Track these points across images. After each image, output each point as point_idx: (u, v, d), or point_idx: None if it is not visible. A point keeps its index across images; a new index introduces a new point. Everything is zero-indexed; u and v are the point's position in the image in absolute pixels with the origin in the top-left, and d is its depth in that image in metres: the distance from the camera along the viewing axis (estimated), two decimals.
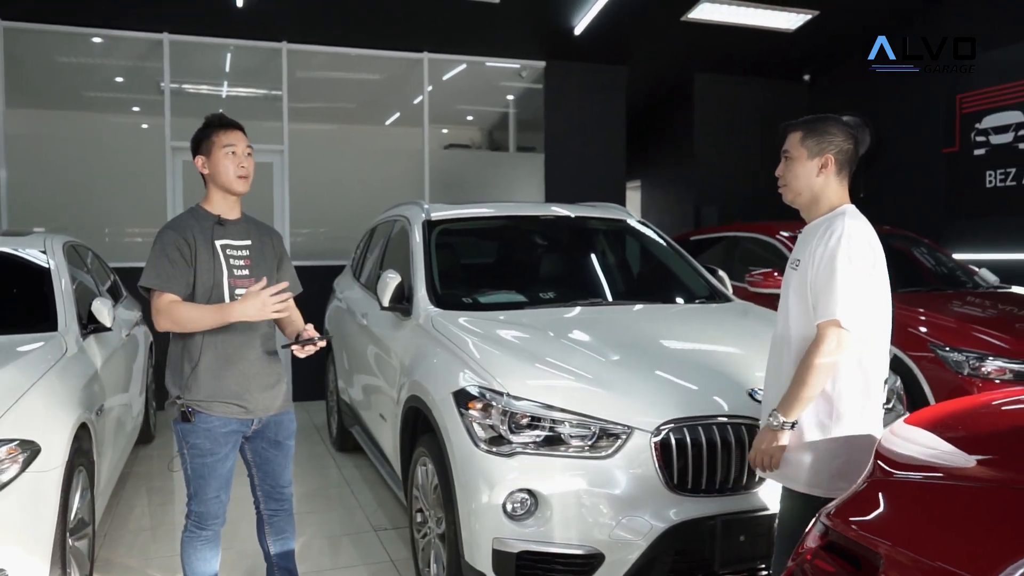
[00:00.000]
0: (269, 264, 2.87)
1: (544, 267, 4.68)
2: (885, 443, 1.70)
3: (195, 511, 2.78)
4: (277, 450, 2.93)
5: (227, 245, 2.76)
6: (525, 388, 2.84)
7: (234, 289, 2.73)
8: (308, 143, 7.67)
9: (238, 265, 2.77)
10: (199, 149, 2.77)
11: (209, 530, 2.80)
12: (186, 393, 2.71)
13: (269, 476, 2.95)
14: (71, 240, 4.65)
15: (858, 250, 2.19)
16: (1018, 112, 7.11)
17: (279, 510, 3.00)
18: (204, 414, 2.70)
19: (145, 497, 4.75)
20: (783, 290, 2.43)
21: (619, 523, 2.63)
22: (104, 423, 3.65)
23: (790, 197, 2.40)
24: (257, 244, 2.85)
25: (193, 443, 2.72)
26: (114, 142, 7.17)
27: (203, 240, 2.71)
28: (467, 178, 8.37)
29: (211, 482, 2.74)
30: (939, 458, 1.73)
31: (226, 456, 2.76)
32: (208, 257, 2.70)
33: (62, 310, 3.76)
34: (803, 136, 2.34)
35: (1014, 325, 4.94)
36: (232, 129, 2.76)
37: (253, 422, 2.82)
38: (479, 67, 8.35)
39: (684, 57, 8.81)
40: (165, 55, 7.13)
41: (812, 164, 2.32)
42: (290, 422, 2.96)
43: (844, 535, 1.47)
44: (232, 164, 2.73)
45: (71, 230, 5.40)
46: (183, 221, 2.76)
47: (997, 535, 1.35)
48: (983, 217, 7.48)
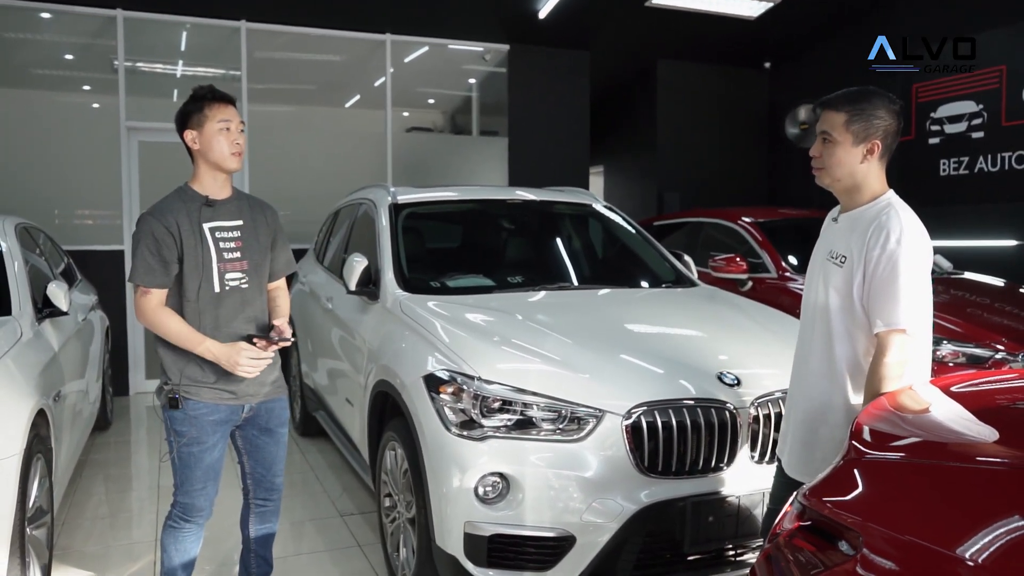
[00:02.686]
0: (263, 244, 2.76)
1: (511, 251, 4.67)
2: (860, 423, 1.73)
3: (180, 502, 2.70)
4: (269, 438, 2.84)
5: (216, 228, 2.64)
6: (496, 372, 2.84)
7: (224, 274, 2.63)
8: (268, 125, 7.52)
9: (228, 248, 2.65)
10: (188, 123, 2.61)
11: (193, 523, 2.73)
12: (175, 378, 2.62)
13: (260, 464, 2.87)
14: (23, 222, 4.51)
15: (919, 251, 2.08)
16: (972, 102, 7.29)
17: (268, 500, 2.92)
18: (193, 400, 2.62)
19: (103, 485, 4.65)
20: (815, 281, 2.30)
21: (590, 506, 2.65)
22: (62, 409, 3.55)
23: (827, 182, 2.22)
24: (250, 223, 2.73)
25: (180, 431, 2.63)
26: (65, 122, 6.94)
27: (189, 224, 2.59)
28: (430, 162, 8.31)
29: (197, 472, 2.66)
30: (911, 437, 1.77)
31: (214, 445, 2.67)
32: (195, 242, 2.59)
33: (16, 294, 3.65)
34: (848, 119, 2.12)
35: (966, 310, 5.07)
36: (227, 103, 2.64)
37: (244, 409, 2.73)
38: (442, 50, 8.28)
39: (647, 43, 8.84)
40: (119, 32, 6.91)
41: (857, 151, 2.14)
42: (282, 410, 2.87)
43: (821, 514, 1.50)
44: (226, 140, 2.60)
45: (22, 212, 5.22)
46: (167, 205, 2.61)
47: (964, 510, 1.39)
48: (937, 205, 7.66)
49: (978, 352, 4.57)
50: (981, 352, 4.57)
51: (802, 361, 2.36)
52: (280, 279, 2.89)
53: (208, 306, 2.61)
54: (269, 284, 2.83)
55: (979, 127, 7.23)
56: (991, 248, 7.11)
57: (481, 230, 4.84)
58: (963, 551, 1.26)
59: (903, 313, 2.03)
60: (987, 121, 7.17)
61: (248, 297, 2.70)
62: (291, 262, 2.92)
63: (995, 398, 2.15)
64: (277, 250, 2.84)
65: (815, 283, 2.30)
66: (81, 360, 4.36)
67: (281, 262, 2.87)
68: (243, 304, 2.68)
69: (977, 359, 4.56)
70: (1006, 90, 7.01)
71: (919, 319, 2.07)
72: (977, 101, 7.24)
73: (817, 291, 2.27)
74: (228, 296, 2.65)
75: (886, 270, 2.05)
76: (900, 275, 2.03)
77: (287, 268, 2.90)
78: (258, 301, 2.75)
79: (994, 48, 7.06)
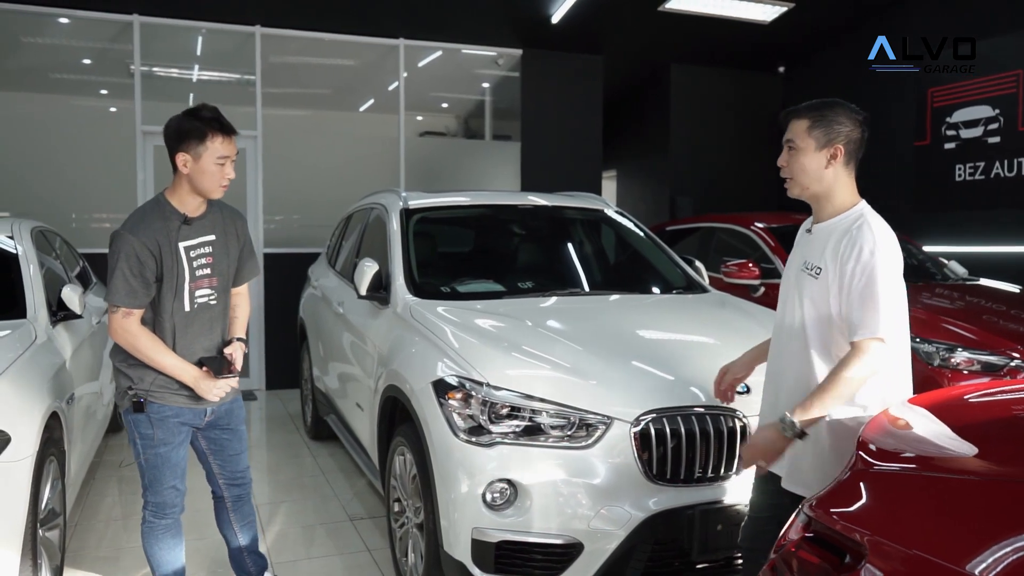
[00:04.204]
0: (232, 257, 2.81)
1: (522, 256, 4.67)
2: (867, 433, 1.72)
3: (152, 501, 2.76)
4: (231, 435, 2.92)
5: (191, 246, 2.66)
6: (505, 378, 2.84)
7: (194, 292, 2.68)
8: (282, 129, 7.57)
9: (200, 265, 2.69)
10: (183, 146, 2.56)
11: (168, 519, 2.78)
12: (138, 383, 2.65)
13: (228, 462, 2.95)
14: (39, 225, 4.55)
15: (893, 261, 2.09)
16: (988, 107, 7.23)
17: (242, 495, 3.01)
18: (157, 404, 2.66)
19: (116, 486, 4.68)
20: (790, 293, 2.30)
21: (598, 513, 2.64)
22: (75, 412, 3.58)
23: (797, 191, 2.25)
24: (221, 238, 2.76)
25: (145, 433, 2.68)
26: (82, 125, 7.02)
27: (168, 244, 2.60)
28: (442, 166, 8.33)
29: (165, 472, 2.72)
30: (920, 449, 1.76)
31: (179, 444, 2.74)
32: (172, 263, 2.61)
33: (31, 297, 3.68)
34: (810, 125, 2.18)
35: (982, 317, 5.03)
36: (231, 137, 2.60)
37: (206, 413, 2.79)
38: (455, 54, 8.30)
39: (660, 47, 8.83)
40: (135, 37, 6.98)
41: (820, 156, 2.18)
42: (239, 408, 2.96)
43: (827, 526, 1.49)
44: (220, 175, 2.60)
45: (39, 215, 5.27)
46: (147, 223, 2.58)
47: (974, 524, 1.38)
48: (952, 210, 7.60)
49: (993, 360, 4.53)
50: (996, 360, 4.52)
51: (777, 375, 2.34)
52: (243, 285, 2.94)
53: (179, 324, 2.66)
54: (232, 289, 2.86)
55: (995, 132, 7.17)
56: (1007, 254, 7.05)
57: (492, 235, 4.85)
58: (972, 567, 1.25)
59: (883, 322, 2.03)
60: (1003, 126, 7.11)
61: (215, 314, 2.76)
62: (256, 268, 2.97)
63: (1010, 408, 2.13)
64: (243, 259, 2.88)
65: (790, 296, 2.29)
66: (95, 362, 4.40)
67: (246, 269, 2.91)
68: (209, 323, 2.74)
69: (992, 367, 4.52)
70: (1023, 95, 6.95)
71: (896, 329, 2.07)
72: (993, 106, 7.18)
73: (793, 304, 2.26)
74: (196, 314, 2.70)
75: (862, 281, 2.06)
76: (878, 284, 2.04)
77: (251, 275, 2.95)
78: (223, 318, 2.81)
79: (1010, 53, 7.00)
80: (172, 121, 2.61)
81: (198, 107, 2.61)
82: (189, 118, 2.58)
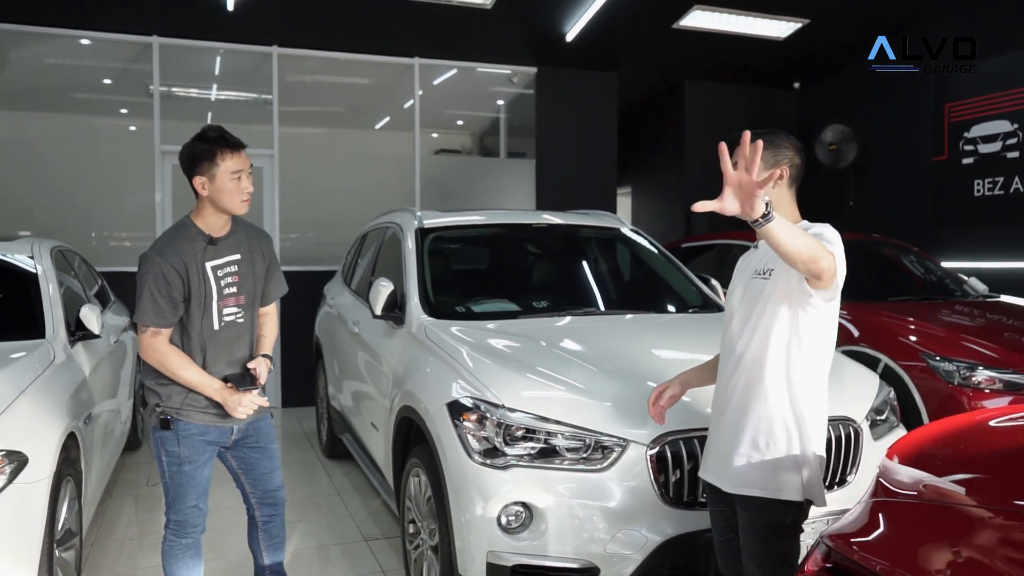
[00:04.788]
0: (258, 276, 2.85)
1: (537, 275, 4.66)
2: (887, 463, 1.69)
3: (174, 520, 2.78)
4: (262, 454, 2.93)
5: (217, 266, 2.72)
6: (520, 399, 2.83)
7: (222, 310, 2.72)
8: (298, 147, 7.63)
9: (227, 284, 2.74)
10: (198, 168, 2.62)
11: (188, 538, 2.79)
12: (166, 401, 2.69)
13: (260, 481, 2.95)
14: (59, 245, 4.60)
15: None
16: (1006, 121, 7.16)
17: (274, 515, 3.01)
18: (183, 421, 2.69)
19: (132, 505, 4.70)
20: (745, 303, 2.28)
21: (614, 537, 2.62)
22: (92, 432, 3.60)
23: None
24: (247, 257, 2.81)
25: (171, 451, 2.71)
26: (102, 145, 7.11)
27: (195, 264, 2.65)
28: (458, 184, 8.36)
29: (189, 490, 2.74)
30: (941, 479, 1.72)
31: (204, 464, 2.76)
32: (199, 283, 2.66)
33: (50, 317, 3.71)
34: None
35: (1003, 335, 4.96)
36: (239, 151, 2.65)
37: (232, 431, 2.81)
38: (470, 72, 8.34)
39: (675, 64, 8.83)
40: (155, 58, 7.08)
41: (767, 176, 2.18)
42: (268, 427, 2.96)
43: (847, 556, 1.46)
44: (238, 189, 2.65)
45: (58, 234, 5.33)
46: (173, 245, 2.65)
47: (993, 556, 1.35)
48: (971, 226, 7.53)
49: (1016, 378, 4.47)
50: (1019, 378, 4.46)
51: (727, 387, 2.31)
52: (270, 304, 2.98)
53: (207, 342, 2.70)
54: (260, 308, 2.91)
55: (1014, 147, 7.10)
56: None
57: (507, 254, 4.85)
58: None
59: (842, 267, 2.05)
60: (1022, 140, 7.04)
61: (241, 331, 2.80)
62: (282, 287, 3.01)
63: None
64: (270, 278, 2.93)
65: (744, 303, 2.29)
66: (112, 381, 4.43)
67: (273, 288, 2.96)
68: (237, 339, 2.78)
69: (1015, 386, 4.45)
70: None
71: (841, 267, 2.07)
72: (1012, 120, 7.12)
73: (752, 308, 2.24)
74: (224, 332, 2.74)
75: None
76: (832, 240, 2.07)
77: (278, 293, 2.99)
78: (250, 334, 2.84)
79: None
80: (183, 149, 2.68)
81: (203, 130, 2.67)
82: (197, 142, 2.65)
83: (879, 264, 6.44)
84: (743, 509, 2.24)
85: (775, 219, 1.91)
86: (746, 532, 2.24)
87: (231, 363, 2.77)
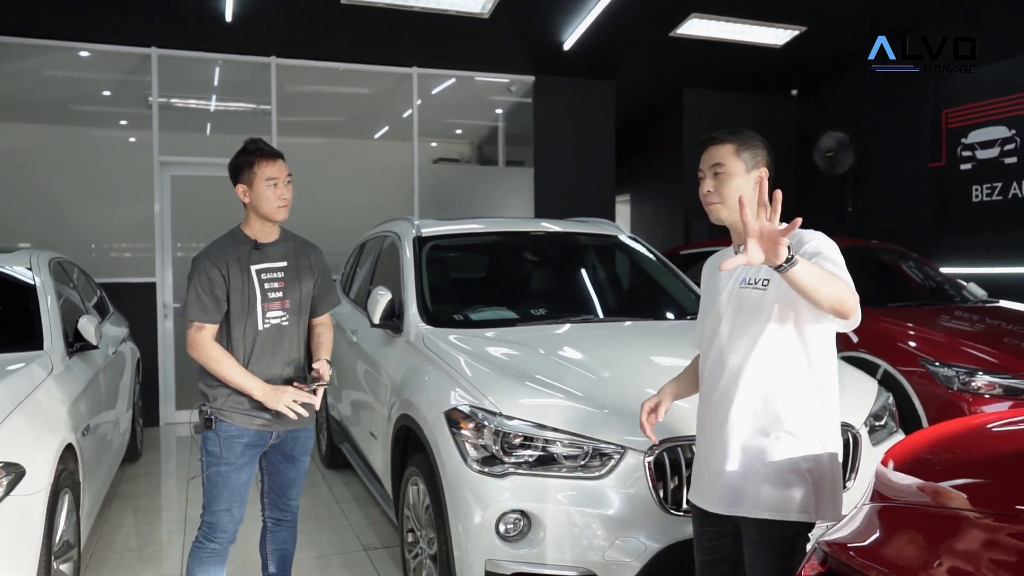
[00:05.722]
0: (304, 284, 2.93)
1: (535, 283, 4.66)
2: (883, 467, 1.69)
3: (206, 521, 2.82)
4: (290, 464, 2.98)
5: (263, 269, 2.83)
6: (518, 407, 2.82)
7: (266, 312, 2.82)
8: (297, 157, 7.55)
9: (272, 288, 2.84)
10: (240, 177, 2.81)
11: (216, 543, 2.81)
12: (212, 402, 2.77)
13: (277, 487, 3.02)
14: (57, 256, 4.61)
15: None
16: (1004, 127, 7.18)
17: (282, 520, 3.06)
18: (225, 423, 2.77)
19: (132, 517, 4.69)
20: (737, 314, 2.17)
21: (613, 544, 2.61)
22: (90, 443, 3.60)
23: (725, 215, 2.17)
24: (293, 264, 2.91)
25: (211, 450, 2.78)
26: (101, 156, 7.12)
27: (238, 266, 2.78)
28: (456, 192, 8.36)
29: (223, 492, 2.78)
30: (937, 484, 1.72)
31: (241, 467, 2.80)
32: (242, 283, 2.78)
33: (48, 328, 3.71)
34: (736, 149, 2.18)
35: (1003, 340, 4.96)
36: (275, 160, 2.81)
37: (272, 436, 2.86)
38: (468, 81, 8.36)
39: (673, 72, 8.85)
40: (153, 69, 7.10)
41: (751, 177, 2.17)
42: (307, 438, 3.01)
43: (844, 562, 1.46)
44: (274, 195, 2.79)
45: (57, 246, 5.34)
46: (220, 248, 2.82)
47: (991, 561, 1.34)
48: (970, 232, 7.53)
49: (1015, 383, 4.46)
50: (1018, 383, 4.45)
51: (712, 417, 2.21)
52: (323, 315, 3.06)
53: (251, 342, 2.80)
54: (312, 319, 3.01)
55: (1012, 152, 7.11)
56: None
57: (505, 262, 4.85)
58: None
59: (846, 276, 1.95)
60: (1020, 146, 7.05)
61: (287, 333, 2.88)
62: (334, 299, 3.10)
63: None
64: (321, 288, 3.02)
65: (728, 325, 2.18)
66: (111, 393, 4.42)
67: (324, 299, 3.04)
68: (282, 340, 2.86)
69: (1014, 391, 4.45)
70: None
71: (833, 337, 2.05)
72: (1009, 126, 7.13)
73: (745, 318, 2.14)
74: (269, 333, 2.82)
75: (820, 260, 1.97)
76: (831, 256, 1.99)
77: (330, 305, 3.07)
78: (296, 338, 2.91)
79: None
80: (230, 162, 2.86)
81: (245, 143, 2.86)
82: (239, 155, 2.84)
83: (878, 270, 6.44)
84: (748, 528, 2.13)
85: (799, 263, 1.81)
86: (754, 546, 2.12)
87: (277, 363, 2.84)
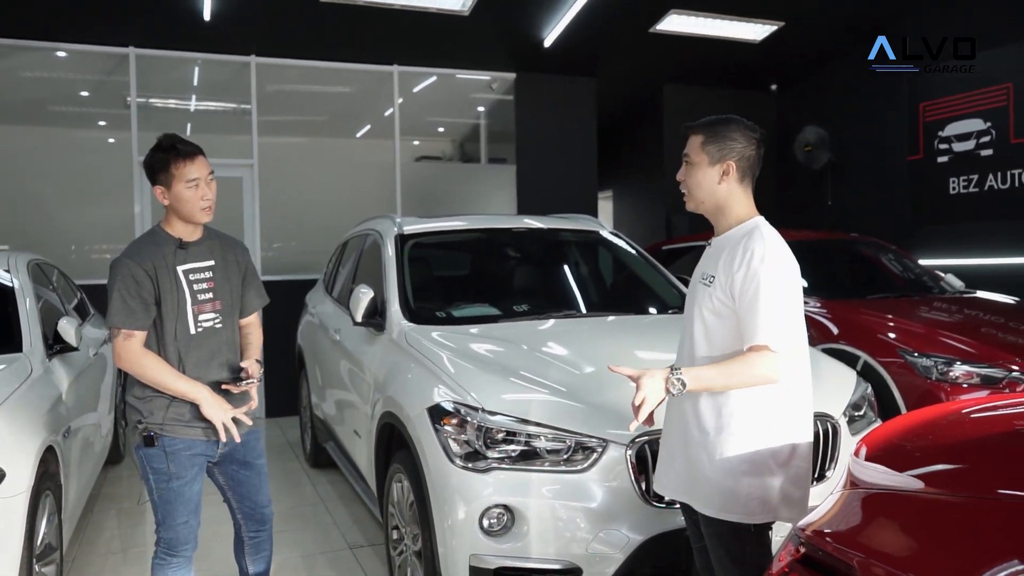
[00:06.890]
0: (234, 283, 2.80)
1: (518, 280, 4.67)
2: (858, 455, 1.71)
3: (164, 537, 2.69)
4: (249, 471, 2.85)
5: (189, 270, 2.67)
6: (500, 403, 2.83)
7: (197, 315, 2.67)
8: (278, 157, 7.61)
9: (201, 289, 2.69)
10: (156, 178, 2.62)
11: (180, 556, 2.71)
12: (148, 417, 2.62)
13: (247, 498, 2.88)
14: (36, 258, 4.57)
15: (783, 271, 2.08)
16: (979, 120, 7.27)
17: (261, 530, 2.94)
18: (168, 437, 2.62)
19: (115, 519, 4.66)
20: (690, 308, 2.26)
21: (596, 537, 2.63)
22: (71, 445, 3.57)
23: (692, 205, 2.26)
24: (221, 263, 2.76)
25: (158, 468, 2.63)
26: (80, 157, 7.06)
27: (164, 267, 2.61)
28: (439, 190, 8.36)
29: (179, 507, 2.65)
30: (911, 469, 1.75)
31: (193, 479, 2.68)
32: (171, 285, 2.62)
33: (27, 330, 3.68)
34: (704, 141, 2.19)
35: (980, 330, 5.02)
36: (194, 159, 2.60)
37: (219, 445, 2.73)
38: (449, 79, 8.36)
39: (653, 68, 8.89)
40: (131, 69, 7.05)
41: (713, 171, 2.18)
42: (257, 441, 2.88)
43: (820, 548, 1.48)
44: (196, 197, 2.61)
45: (36, 247, 5.29)
46: (142, 248, 2.64)
47: (969, 545, 1.37)
48: (948, 223, 7.62)
49: (992, 372, 4.52)
50: (995, 372, 4.51)
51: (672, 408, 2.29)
52: (252, 315, 2.93)
53: (184, 348, 2.64)
54: (241, 320, 2.87)
55: (987, 145, 7.21)
56: (1003, 266, 7.05)
57: (487, 259, 4.86)
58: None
59: (762, 329, 2.01)
60: (995, 139, 7.15)
61: (222, 340, 2.74)
62: (262, 297, 2.96)
63: (1010, 424, 2.10)
64: (248, 286, 2.88)
65: (689, 309, 2.28)
66: (92, 395, 4.39)
67: (252, 298, 2.91)
68: (218, 345, 2.72)
69: (991, 380, 4.51)
70: (1013, 107, 6.99)
71: (784, 337, 2.04)
72: (985, 119, 7.22)
73: (692, 316, 2.24)
74: (203, 337, 2.68)
75: (749, 289, 2.04)
76: (761, 293, 2.02)
77: (258, 303, 2.94)
78: (232, 341, 2.78)
79: (1001, 66, 7.05)
80: (144, 160, 2.67)
81: (159, 139, 2.64)
82: (153, 152, 2.62)
83: (857, 262, 6.50)
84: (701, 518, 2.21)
85: (689, 381, 2.00)
86: (709, 537, 2.21)
87: (213, 369, 2.70)
